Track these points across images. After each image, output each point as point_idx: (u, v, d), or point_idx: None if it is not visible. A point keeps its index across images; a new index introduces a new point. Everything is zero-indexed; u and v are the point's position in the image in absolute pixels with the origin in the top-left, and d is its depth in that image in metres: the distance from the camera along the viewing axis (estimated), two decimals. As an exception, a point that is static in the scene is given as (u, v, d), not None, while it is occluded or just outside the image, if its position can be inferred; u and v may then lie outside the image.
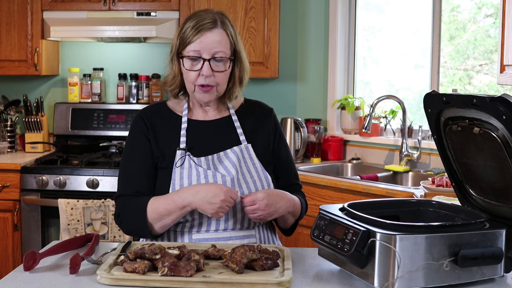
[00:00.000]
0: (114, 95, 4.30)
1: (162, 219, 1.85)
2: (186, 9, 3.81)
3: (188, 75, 1.92)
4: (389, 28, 4.09)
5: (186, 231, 1.91)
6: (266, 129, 2.05)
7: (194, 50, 1.89)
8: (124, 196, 1.93)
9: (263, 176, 1.95)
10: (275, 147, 2.06)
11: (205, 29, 1.89)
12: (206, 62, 1.89)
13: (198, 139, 1.97)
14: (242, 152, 1.96)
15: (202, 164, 1.91)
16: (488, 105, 1.49)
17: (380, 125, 3.89)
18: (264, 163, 1.98)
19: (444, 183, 2.80)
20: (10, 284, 1.56)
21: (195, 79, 1.91)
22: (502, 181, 1.59)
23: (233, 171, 1.92)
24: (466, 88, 3.76)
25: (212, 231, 1.90)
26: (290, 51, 4.18)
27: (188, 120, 1.99)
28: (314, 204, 3.31)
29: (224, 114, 2.03)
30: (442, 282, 1.50)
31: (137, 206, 1.88)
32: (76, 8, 3.89)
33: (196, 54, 1.89)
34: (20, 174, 3.60)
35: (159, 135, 1.97)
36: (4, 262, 3.63)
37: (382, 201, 1.86)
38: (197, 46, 1.88)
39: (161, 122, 1.99)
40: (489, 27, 3.66)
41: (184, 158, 1.91)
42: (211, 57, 1.89)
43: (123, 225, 1.94)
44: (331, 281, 1.60)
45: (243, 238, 1.91)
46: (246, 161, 1.95)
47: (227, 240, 1.89)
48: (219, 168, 1.92)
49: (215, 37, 1.89)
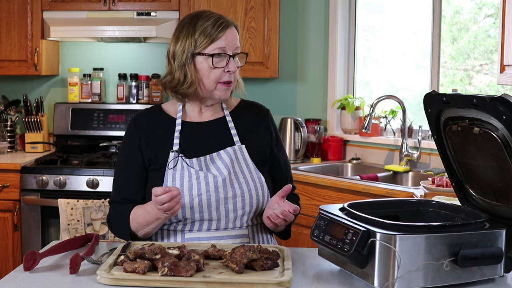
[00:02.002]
0: (114, 95, 4.30)
1: (143, 228, 1.90)
2: (186, 9, 3.81)
3: (211, 74, 1.92)
4: (389, 28, 4.09)
5: (179, 230, 1.93)
6: (262, 129, 2.05)
7: (220, 47, 1.91)
8: (114, 202, 2.01)
9: (256, 177, 1.96)
10: (273, 150, 2.06)
11: (227, 26, 1.93)
12: (231, 58, 1.92)
13: (192, 140, 1.98)
14: (235, 152, 1.96)
15: (194, 165, 1.92)
16: (488, 105, 1.49)
17: (380, 125, 3.89)
18: (258, 164, 1.98)
19: (444, 183, 2.80)
20: (10, 284, 1.56)
21: (219, 76, 1.92)
22: (502, 181, 1.59)
23: (225, 172, 1.92)
24: (466, 88, 3.76)
25: (204, 230, 1.92)
26: (290, 51, 4.18)
27: (182, 122, 2.00)
28: (314, 204, 3.31)
29: (218, 115, 2.04)
30: (442, 282, 1.50)
31: (122, 214, 1.94)
32: (76, 8, 3.89)
33: (221, 51, 1.91)
34: (20, 174, 3.60)
35: (152, 139, 1.98)
36: (4, 262, 3.63)
37: (382, 201, 1.86)
38: (222, 43, 1.91)
39: (155, 126, 2.00)
40: (489, 27, 3.66)
41: (177, 160, 1.92)
42: (233, 54, 1.93)
43: (112, 230, 2.01)
44: (331, 281, 1.60)
45: (235, 238, 1.92)
46: (239, 162, 1.96)
47: (219, 239, 1.90)
48: (211, 168, 1.93)
49: (234, 33, 1.95)
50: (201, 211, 1.90)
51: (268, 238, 2.03)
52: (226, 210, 1.91)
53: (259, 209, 1.96)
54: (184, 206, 1.89)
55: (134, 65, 4.29)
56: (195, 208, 1.89)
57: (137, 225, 1.90)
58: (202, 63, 1.92)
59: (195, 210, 1.89)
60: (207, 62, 1.91)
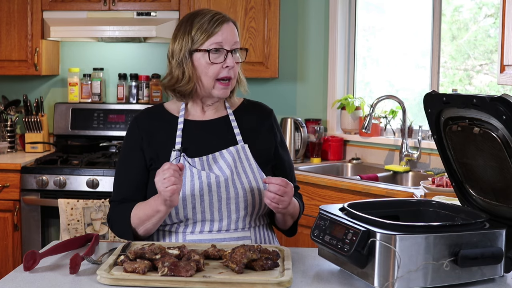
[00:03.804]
0: (114, 95, 4.30)
1: (143, 224, 1.89)
2: (186, 9, 3.81)
3: (209, 69, 1.91)
4: (389, 28, 4.09)
5: (180, 231, 1.92)
6: (265, 129, 2.04)
7: (217, 42, 1.90)
8: (114, 202, 2.00)
9: (258, 176, 1.94)
10: (278, 150, 2.05)
11: (224, 21, 1.92)
12: (229, 53, 1.91)
13: (194, 139, 1.96)
14: (238, 152, 1.95)
15: (196, 165, 1.91)
16: (488, 105, 1.49)
17: (380, 125, 3.89)
18: (261, 164, 1.97)
19: (444, 183, 2.80)
20: (10, 284, 1.55)
21: (217, 72, 1.91)
22: (502, 181, 1.59)
23: (227, 172, 1.91)
24: (466, 88, 3.76)
25: (206, 232, 1.90)
26: (290, 51, 4.18)
27: (184, 120, 1.99)
28: (314, 204, 3.31)
29: (221, 114, 2.02)
30: (442, 282, 1.50)
31: (123, 213, 1.93)
32: (76, 8, 3.89)
33: (218, 46, 1.90)
34: (20, 174, 3.60)
35: (154, 138, 1.97)
36: (4, 262, 3.63)
37: (382, 201, 1.86)
38: (219, 38, 1.90)
39: (157, 125, 1.99)
40: (489, 27, 3.66)
41: (179, 159, 1.91)
42: (231, 49, 1.92)
43: (113, 229, 2.00)
44: (331, 281, 1.60)
45: (237, 240, 1.90)
46: (242, 161, 1.94)
47: (221, 241, 1.89)
48: (213, 168, 1.92)
49: (232, 29, 1.94)
50: (203, 211, 1.89)
51: (271, 240, 2.01)
52: (228, 210, 1.90)
53: (261, 210, 1.95)
54: (186, 206, 1.88)
55: (134, 65, 4.29)
56: (197, 208, 1.88)
57: (137, 221, 1.89)
58: (200, 59, 1.91)
59: (197, 210, 1.88)
60: (205, 58, 1.90)
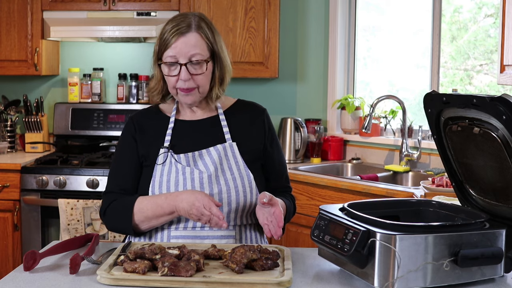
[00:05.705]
0: (114, 95, 4.30)
1: (150, 222, 1.90)
2: (186, 9, 3.81)
3: (168, 80, 1.95)
4: (389, 28, 4.08)
5: (165, 228, 1.94)
6: (256, 128, 2.05)
7: (171, 55, 1.91)
8: (111, 193, 1.99)
9: (244, 174, 1.95)
10: (267, 148, 2.06)
11: (179, 34, 1.90)
12: (183, 67, 1.90)
13: (183, 138, 2.00)
14: (225, 149, 1.97)
15: (181, 161, 1.94)
16: (488, 105, 1.49)
17: (380, 125, 3.89)
18: (248, 161, 1.98)
19: (444, 183, 2.80)
20: (10, 284, 1.56)
21: (175, 83, 1.93)
22: (502, 181, 1.59)
23: (211, 168, 1.93)
24: (466, 88, 3.76)
25: (189, 228, 1.92)
26: (290, 51, 4.18)
27: (175, 120, 2.03)
28: (314, 204, 3.31)
29: (212, 114, 2.05)
30: (442, 282, 1.50)
31: (123, 205, 1.93)
32: (76, 8, 3.89)
33: (173, 60, 1.91)
34: (20, 174, 3.60)
35: (146, 136, 2.01)
36: (4, 262, 3.63)
37: (382, 201, 1.86)
38: (172, 51, 1.90)
39: (150, 124, 2.03)
40: (489, 27, 3.66)
41: (166, 156, 1.94)
42: (188, 61, 1.90)
43: (106, 222, 1.98)
44: (331, 281, 1.60)
45: (221, 238, 1.91)
46: (228, 159, 1.96)
47: (204, 239, 1.90)
48: (198, 164, 1.94)
49: (189, 41, 1.91)
50: None
51: (257, 240, 2.01)
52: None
53: (246, 207, 1.95)
54: None
55: (134, 65, 4.29)
56: None
57: (143, 219, 1.90)
58: (163, 68, 1.95)
59: None
60: (164, 69, 1.95)
